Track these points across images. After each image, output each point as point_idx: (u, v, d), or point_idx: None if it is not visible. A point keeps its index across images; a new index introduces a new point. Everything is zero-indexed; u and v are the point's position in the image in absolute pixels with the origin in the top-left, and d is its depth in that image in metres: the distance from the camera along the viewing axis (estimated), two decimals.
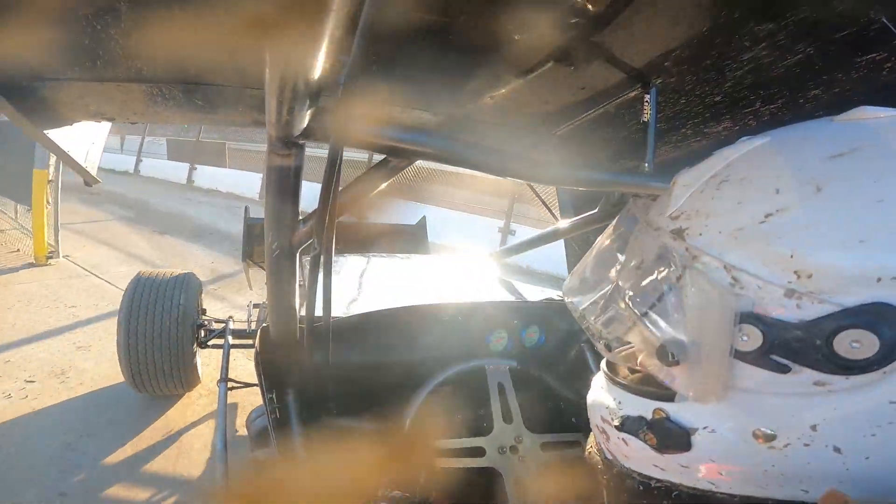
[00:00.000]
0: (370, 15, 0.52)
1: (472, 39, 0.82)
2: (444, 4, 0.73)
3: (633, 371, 0.49)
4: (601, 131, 1.29)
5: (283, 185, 0.77)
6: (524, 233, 7.60)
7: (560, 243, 1.87)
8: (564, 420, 1.17)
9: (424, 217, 3.27)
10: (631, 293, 0.44)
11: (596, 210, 1.59)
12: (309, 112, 0.65)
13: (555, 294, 1.76)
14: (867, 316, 0.32)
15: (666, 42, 0.89)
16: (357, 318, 1.28)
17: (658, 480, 0.45)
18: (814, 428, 0.35)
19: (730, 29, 0.81)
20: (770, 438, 0.37)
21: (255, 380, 1.04)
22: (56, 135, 1.16)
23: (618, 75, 1.01)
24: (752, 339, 0.36)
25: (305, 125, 0.67)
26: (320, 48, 0.51)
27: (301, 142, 0.71)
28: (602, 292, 0.47)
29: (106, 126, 1.23)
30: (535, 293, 1.83)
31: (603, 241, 0.51)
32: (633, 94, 1.05)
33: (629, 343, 0.45)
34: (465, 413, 1.14)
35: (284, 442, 0.98)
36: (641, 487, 0.46)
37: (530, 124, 1.36)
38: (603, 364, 0.53)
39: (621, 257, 0.46)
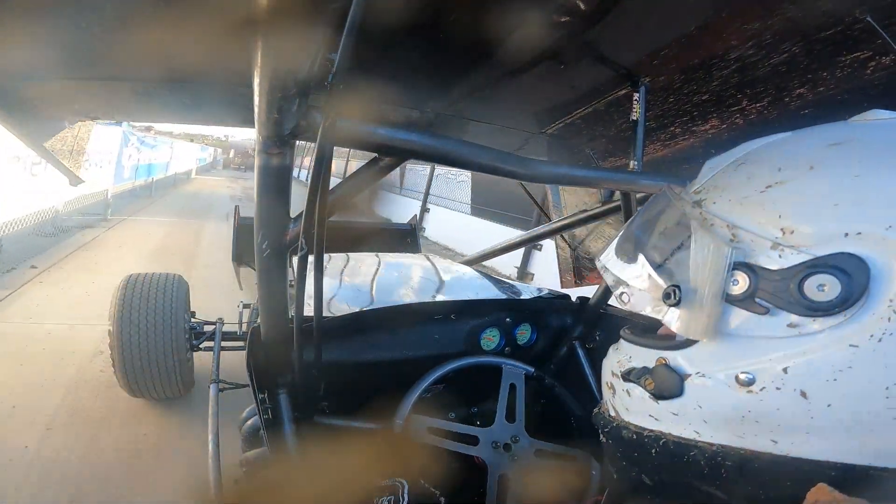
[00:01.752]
0: (359, 13, 0.51)
1: (462, 38, 0.82)
2: (434, 3, 0.73)
3: (644, 333, 0.57)
4: (591, 130, 1.30)
5: (273, 184, 0.77)
6: None
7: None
8: (564, 432, 1.17)
9: (416, 216, 3.27)
10: (651, 251, 0.51)
11: (586, 208, 1.60)
12: (298, 111, 0.64)
13: (546, 292, 1.77)
14: (832, 263, 0.39)
15: (654, 41, 0.89)
16: (348, 317, 1.28)
17: (650, 431, 0.50)
18: (785, 370, 0.40)
19: (717, 28, 0.82)
20: (749, 383, 0.42)
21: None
22: (40, 134, 1.14)
23: (607, 74, 1.01)
24: (741, 283, 0.42)
25: (295, 124, 0.66)
26: (309, 46, 0.51)
27: (290, 141, 0.71)
28: (628, 253, 0.55)
29: (91, 125, 1.21)
30: (527, 291, 1.83)
31: (636, 217, 0.59)
32: (622, 92, 1.06)
33: (643, 292, 0.52)
34: (468, 405, 1.14)
35: (277, 442, 0.97)
36: (635, 437, 0.51)
37: (521, 123, 1.36)
38: (622, 330, 0.60)
39: (650, 227, 0.55)
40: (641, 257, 0.52)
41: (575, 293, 1.70)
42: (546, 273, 5.54)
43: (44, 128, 1.13)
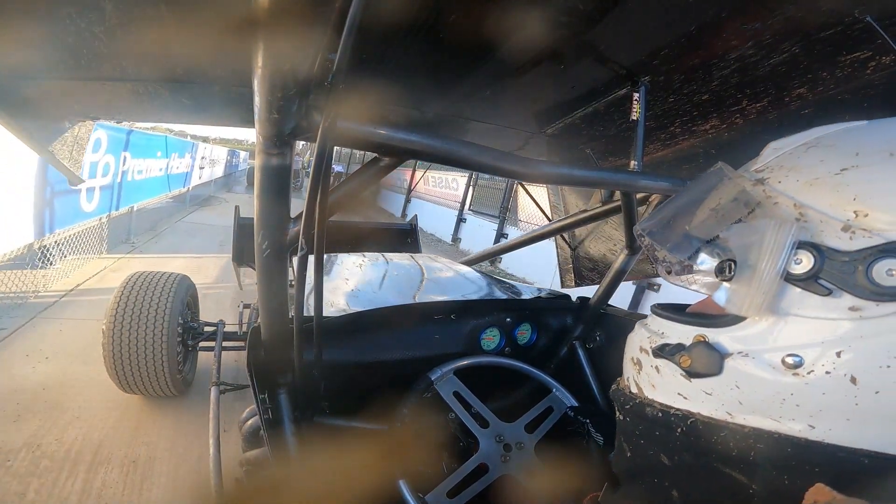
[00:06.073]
0: (359, 13, 0.51)
1: (462, 38, 0.82)
2: (434, 3, 0.73)
3: (677, 310, 0.56)
4: (591, 130, 1.30)
5: (273, 184, 0.77)
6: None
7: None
8: (564, 429, 1.18)
9: (416, 216, 3.27)
10: (702, 224, 0.51)
11: (586, 208, 1.60)
12: (298, 111, 0.64)
13: (546, 293, 1.77)
14: None
15: (654, 41, 0.89)
16: (348, 317, 1.28)
17: (677, 409, 0.49)
18: (839, 354, 0.40)
19: (717, 28, 0.82)
20: (796, 365, 0.41)
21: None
22: (41, 134, 1.14)
23: (607, 74, 1.01)
24: (804, 262, 0.42)
25: (295, 124, 0.66)
26: (309, 47, 0.51)
27: (290, 141, 0.71)
28: (674, 226, 0.53)
29: (91, 125, 1.21)
30: (527, 291, 1.83)
31: (682, 193, 0.58)
32: (622, 92, 1.05)
33: (689, 264, 0.52)
34: (469, 408, 1.14)
35: (277, 442, 0.97)
36: (659, 415, 0.50)
37: (521, 123, 1.36)
38: (652, 306, 0.59)
39: (699, 202, 0.53)
40: (690, 230, 0.51)
41: (575, 293, 1.70)
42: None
43: (44, 128, 1.13)
